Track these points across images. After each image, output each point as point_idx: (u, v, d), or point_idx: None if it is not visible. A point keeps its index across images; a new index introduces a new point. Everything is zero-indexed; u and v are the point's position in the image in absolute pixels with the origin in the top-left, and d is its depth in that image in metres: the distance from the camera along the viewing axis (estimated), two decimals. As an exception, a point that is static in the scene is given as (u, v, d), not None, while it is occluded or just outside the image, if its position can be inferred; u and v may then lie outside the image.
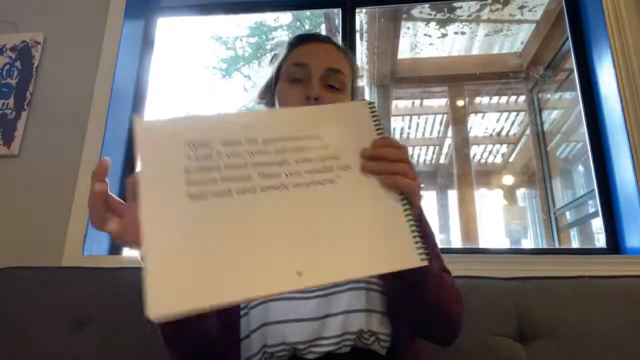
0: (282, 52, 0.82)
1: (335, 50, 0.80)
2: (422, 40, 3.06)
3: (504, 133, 4.41)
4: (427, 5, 2.60)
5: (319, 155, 0.49)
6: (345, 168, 0.49)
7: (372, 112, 0.53)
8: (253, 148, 0.48)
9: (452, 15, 2.77)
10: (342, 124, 0.52)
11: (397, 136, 4.41)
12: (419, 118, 4.36)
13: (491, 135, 4.43)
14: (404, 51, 3.10)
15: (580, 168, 3.04)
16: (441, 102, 4.07)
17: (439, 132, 4.53)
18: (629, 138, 1.19)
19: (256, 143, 0.48)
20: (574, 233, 2.92)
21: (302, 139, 0.50)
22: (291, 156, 0.48)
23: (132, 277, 1.09)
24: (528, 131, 3.92)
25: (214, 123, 0.49)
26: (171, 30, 1.89)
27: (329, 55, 0.77)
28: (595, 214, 2.29)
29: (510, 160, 4.67)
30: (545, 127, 3.25)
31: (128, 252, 1.47)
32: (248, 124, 0.50)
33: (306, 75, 0.74)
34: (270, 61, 0.85)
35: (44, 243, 1.31)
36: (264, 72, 0.86)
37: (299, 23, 3.36)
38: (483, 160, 4.89)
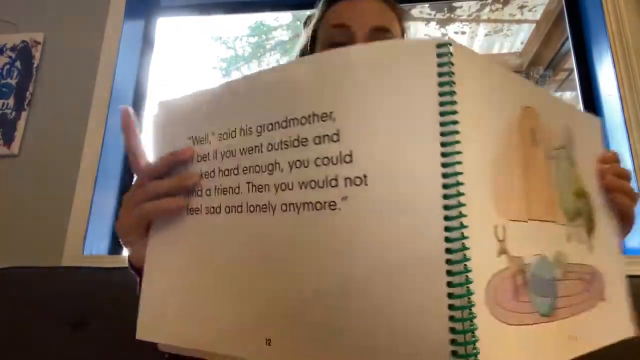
0: (317, 12, 0.68)
1: (381, 3, 0.63)
2: (422, 40, 3.05)
3: (504, 133, 4.39)
4: (427, 5, 2.60)
5: (324, 154, 0.30)
6: (358, 182, 0.28)
7: (442, 65, 0.27)
8: (246, 142, 0.34)
9: (452, 15, 2.77)
10: (370, 91, 0.29)
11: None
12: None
13: (491, 135, 4.41)
14: (404, 51, 3.10)
15: (580, 168, 3.03)
16: (441, 102, 4.06)
17: (439, 132, 4.52)
18: (629, 138, 1.19)
19: (249, 133, 0.34)
20: (574, 233, 2.92)
21: (304, 123, 0.31)
22: (284, 155, 0.32)
23: (132, 277, 1.09)
24: (528, 131, 3.90)
25: (215, 103, 0.37)
26: (171, 30, 1.89)
27: (374, 11, 0.62)
28: (595, 214, 2.28)
29: (510, 160, 4.65)
30: (545, 127, 3.24)
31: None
32: (245, 101, 0.35)
33: (348, 38, 0.59)
34: (304, 24, 0.71)
35: (44, 243, 1.31)
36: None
37: (298, 23, 3.37)
38: (483, 160, 4.88)
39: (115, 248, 1.44)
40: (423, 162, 0.27)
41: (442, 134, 0.27)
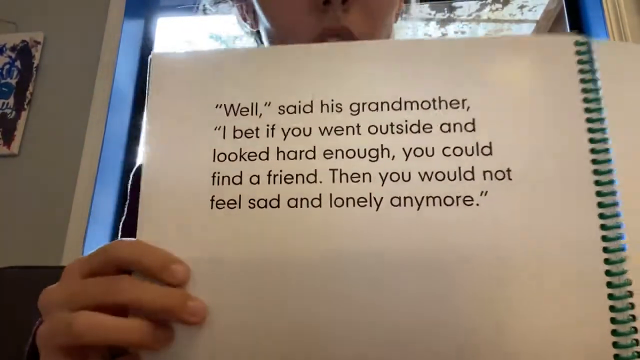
0: None
1: None
2: (422, 40, 3.05)
3: (504, 133, 4.40)
4: (427, 5, 2.60)
5: (454, 143, 0.27)
6: (500, 176, 0.26)
7: (583, 63, 0.27)
8: (329, 120, 0.28)
9: (452, 15, 2.77)
10: (515, 82, 0.28)
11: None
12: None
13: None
14: (404, 51, 3.10)
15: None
16: (441, 102, 4.06)
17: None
18: (629, 138, 1.19)
19: (338, 110, 0.28)
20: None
21: (427, 108, 0.28)
22: (397, 141, 0.27)
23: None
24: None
25: (271, 67, 0.30)
26: (171, 30, 1.89)
27: None
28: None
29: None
30: (545, 127, 3.24)
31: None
32: (329, 70, 0.29)
33: None
34: None
35: (44, 243, 1.31)
36: None
37: (299, 23, 3.36)
38: (483, 160, 4.88)
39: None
40: (572, 155, 0.26)
41: (590, 130, 0.26)
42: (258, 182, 0.27)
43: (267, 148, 0.28)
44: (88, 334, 0.23)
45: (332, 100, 0.28)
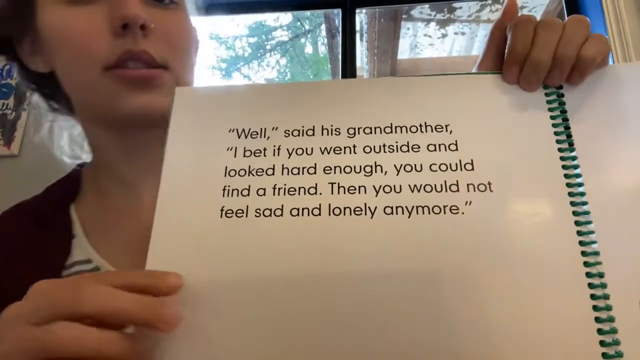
0: None
1: None
2: (422, 41, 3.06)
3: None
4: (427, 6, 2.60)
5: (440, 160, 0.31)
6: (482, 188, 0.30)
7: (549, 95, 0.32)
8: (329, 142, 0.32)
9: (452, 16, 2.77)
10: (490, 109, 0.32)
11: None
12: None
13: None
14: (404, 51, 3.09)
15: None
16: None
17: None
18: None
19: (337, 133, 0.32)
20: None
21: (415, 132, 0.32)
22: (389, 159, 0.31)
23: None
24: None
25: (278, 99, 0.34)
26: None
27: None
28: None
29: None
30: (545, 127, 3.24)
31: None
32: (329, 102, 0.34)
33: None
34: None
35: (44, 243, 1.31)
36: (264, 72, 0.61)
37: (299, 23, 3.37)
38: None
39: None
40: (544, 167, 0.30)
41: (560, 150, 0.31)
42: (264, 194, 0.31)
43: (274, 165, 0.32)
44: (68, 347, 0.21)
45: (332, 125, 0.32)
